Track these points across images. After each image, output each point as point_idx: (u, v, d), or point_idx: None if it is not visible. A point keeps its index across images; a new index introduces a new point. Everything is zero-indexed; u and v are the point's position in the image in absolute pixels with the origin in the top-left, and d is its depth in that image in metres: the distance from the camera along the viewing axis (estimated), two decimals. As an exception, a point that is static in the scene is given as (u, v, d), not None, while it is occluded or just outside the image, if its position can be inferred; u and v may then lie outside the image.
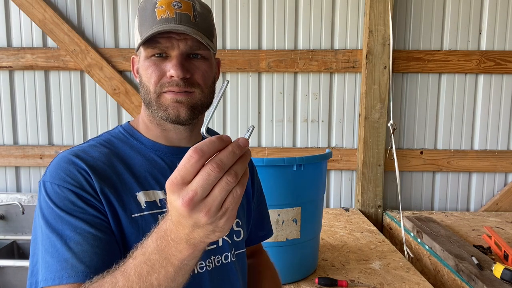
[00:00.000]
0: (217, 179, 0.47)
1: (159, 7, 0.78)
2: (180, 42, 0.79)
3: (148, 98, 0.82)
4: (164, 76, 0.80)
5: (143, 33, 0.79)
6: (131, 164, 0.82)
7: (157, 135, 0.87)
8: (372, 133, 2.35)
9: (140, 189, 0.79)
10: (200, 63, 0.82)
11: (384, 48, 2.29)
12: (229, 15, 2.39)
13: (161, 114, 0.80)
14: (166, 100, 0.80)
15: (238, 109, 2.46)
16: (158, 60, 0.80)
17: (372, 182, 2.39)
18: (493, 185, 2.50)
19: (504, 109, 2.44)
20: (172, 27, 0.76)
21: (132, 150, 0.85)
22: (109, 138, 0.86)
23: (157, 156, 0.85)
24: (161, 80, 0.80)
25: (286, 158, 1.34)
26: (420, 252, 1.92)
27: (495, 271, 1.42)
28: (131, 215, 0.76)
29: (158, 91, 0.80)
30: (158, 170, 0.84)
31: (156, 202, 0.80)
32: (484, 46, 2.40)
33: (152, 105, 0.81)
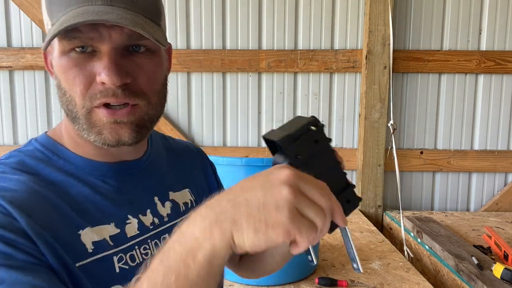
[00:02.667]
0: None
1: None
2: (112, 31, 0.55)
3: (73, 112, 0.59)
4: (93, 81, 0.57)
5: (54, 16, 0.56)
6: (66, 192, 0.60)
7: (90, 152, 0.65)
8: (372, 133, 2.35)
9: (83, 227, 0.59)
10: (144, 59, 0.60)
11: (384, 48, 2.29)
12: (229, 15, 2.39)
13: (94, 137, 0.59)
14: (99, 119, 0.58)
15: (238, 109, 2.46)
16: (81, 58, 0.57)
17: (372, 182, 2.39)
18: (493, 185, 2.50)
19: (504, 109, 2.44)
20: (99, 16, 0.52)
21: (60, 173, 0.62)
22: (22, 159, 0.62)
23: (98, 179, 0.64)
24: (90, 90, 0.57)
25: (286, 158, 1.34)
26: (420, 252, 1.92)
27: (495, 271, 1.42)
28: (75, 263, 0.56)
29: (88, 105, 0.58)
30: (104, 197, 0.63)
31: (107, 240, 0.61)
32: (484, 46, 2.40)
33: (79, 122, 0.59)
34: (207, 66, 2.39)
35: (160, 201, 0.72)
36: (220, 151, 2.45)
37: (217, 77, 2.43)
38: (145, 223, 0.67)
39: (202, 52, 2.39)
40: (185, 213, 0.70)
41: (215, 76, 2.43)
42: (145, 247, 0.66)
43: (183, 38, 2.40)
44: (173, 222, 0.72)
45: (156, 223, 0.69)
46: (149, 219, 0.68)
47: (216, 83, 2.43)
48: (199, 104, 2.45)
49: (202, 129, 2.48)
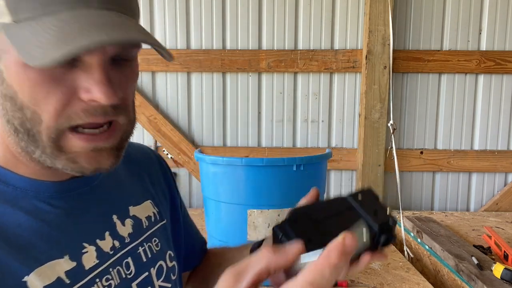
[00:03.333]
0: None
1: None
2: None
3: (32, 131, 0.47)
4: (73, 98, 0.47)
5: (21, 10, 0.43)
6: (3, 227, 0.49)
7: (34, 171, 0.53)
8: (372, 133, 2.35)
9: (29, 269, 0.47)
10: (129, 69, 0.53)
11: (384, 48, 2.29)
12: (229, 15, 2.38)
13: (64, 165, 0.50)
14: (72, 146, 0.49)
15: (238, 109, 2.46)
16: (59, 70, 0.46)
17: (372, 182, 2.38)
18: (493, 185, 2.50)
19: (504, 109, 2.44)
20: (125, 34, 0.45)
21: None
22: None
23: (43, 202, 0.53)
24: (68, 108, 0.47)
25: (286, 158, 1.34)
26: (420, 252, 1.92)
27: (495, 271, 1.42)
28: None
29: (62, 127, 0.47)
30: (52, 225, 0.52)
31: (62, 279, 0.50)
32: (484, 46, 2.40)
33: (39, 145, 0.48)
34: (207, 66, 2.39)
35: (120, 220, 0.62)
36: (220, 151, 2.45)
37: (217, 77, 2.43)
38: (104, 249, 0.57)
39: (202, 52, 2.39)
40: (149, 229, 0.67)
41: (215, 76, 2.43)
42: (107, 277, 0.56)
43: (183, 38, 2.40)
44: (136, 242, 0.63)
45: (117, 246, 0.60)
46: (108, 243, 0.59)
47: (216, 83, 2.43)
48: (199, 104, 2.45)
49: (202, 129, 2.48)
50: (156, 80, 2.44)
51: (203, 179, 1.51)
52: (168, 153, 2.47)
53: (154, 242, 0.67)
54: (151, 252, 0.65)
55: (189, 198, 2.54)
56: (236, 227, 1.38)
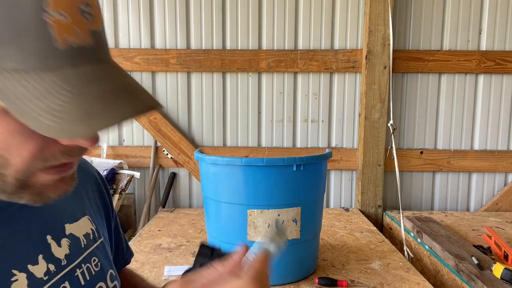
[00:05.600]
0: None
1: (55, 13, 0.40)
2: None
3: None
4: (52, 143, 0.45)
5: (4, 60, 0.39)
6: None
7: None
8: (372, 133, 2.35)
9: None
10: None
11: (384, 48, 2.29)
12: (229, 15, 2.39)
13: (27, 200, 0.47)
14: (42, 181, 0.47)
15: (238, 109, 2.46)
16: None
17: (372, 182, 2.39)
18: (493, 185, 2.50)
19: (504, 109, 2.44)
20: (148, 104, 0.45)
21: None
22: None
23: None
24: (44, 152, 0.45)
25: (286, 158, 1.34)
26: (420, 252, 1.92)
27: (495, 271, 1.42)
28: None
29: (33, 169, 0.45)
30: None
31: None
32: (484, 46, 2.40)
33: None
34: (207, 66, 2.39)
35: (55, 240, 0.57)
36: (220, 151, 2.45)
37: (217, 77, 2.43)
38: (37, 275, 0.52)
39: (202, 52, 2.39)
40: (88, 248, 0.63)
41: (215, 76, 2.43)
42: None
43: (183, 38, 2.40)
44: (73, 264, 0.59)
45: (52, 270, 0.55)
46: (42, 268, 0.53)
47: (216, 83, 2.43)
48: (199, 104, 2.46)
49: (202, 129, 2.48)
50: (156, 80, 2.44)
51: (203, 179, 1.51)
52: (168, 153, 2.47)
53: (93, 262, 0.63)
54: (89, 274, 0.61)
55: (189, 198, 2.54)
56: (236, 227, 1.38)
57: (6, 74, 0.39)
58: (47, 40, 0.39)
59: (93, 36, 0.43)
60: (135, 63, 2.38)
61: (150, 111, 0.45)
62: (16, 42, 0.38)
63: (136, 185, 2.52)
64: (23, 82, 0.39)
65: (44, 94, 0.39)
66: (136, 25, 2.40)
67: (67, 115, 0.39)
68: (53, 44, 0.40)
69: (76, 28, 0.41)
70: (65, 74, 0.40)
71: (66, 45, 0.40)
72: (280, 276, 1.42)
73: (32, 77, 0.39)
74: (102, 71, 0.44)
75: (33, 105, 0.39)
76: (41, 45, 0.39)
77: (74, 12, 0.41)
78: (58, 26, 0.40)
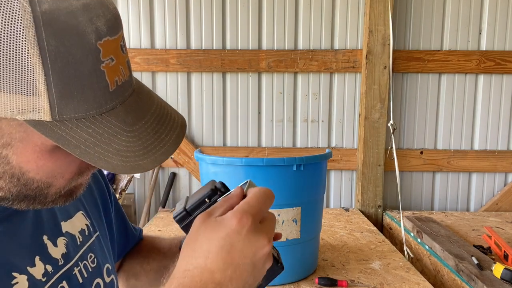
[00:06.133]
0: None
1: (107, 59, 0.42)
2: None
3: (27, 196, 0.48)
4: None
5: (70, 107, 0.41)
6: None
7: None
8: (372, 133, 2.35)
9: None
10: None
11: (384, 48, 2.29)
12: (229, 15, 2.39)
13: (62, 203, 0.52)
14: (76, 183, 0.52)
15: (238, 109, 2.46)
16: None
17: (372, 182, 2.39)
18: (493, 185, 2.50)
19: (504, 109, 2.44)
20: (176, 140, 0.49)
21: None
22: None
23: None
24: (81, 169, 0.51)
25: (286, 158, 1.34)
26: (420, 252, 1.92)
27: (495, 271, 1.42)
28: None
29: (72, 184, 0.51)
30: None
31: None
32: (484, 46, 2.40)
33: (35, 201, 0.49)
34: (207, 66, 2.39)
35: (51, 240, 0.57)
36: (220, 151, 2.45)
37: (217, 77, 2.43)
38: (36, 277, 0.52)
39: (202, 52, 2.39)
40: (84, 244, 0.63)
41: (215, 76, 2.43)
42: None
43: (183, 38, 2.40)
44: (71, 263, 0.59)
45: (50, 271, 0.55)
46: (40, 269, 0.53)
47: (216, 83, 2.43)
48: (199, 104, 2.46)
49: (202, 129, 2.48)
50: (156, 80, 2.44)
51: (203, 179, 1.51)
52: (168, 153, 2.46)
53: (90, 258, 0.63)
54: (87, 271, 0.61)
55: (189, 198, 2.54)
56: (236, 227, 1.38)
57: (67, 124, 0.42)
58: (103, 86, 0.43)
59: (128, 66, 0.47)
60: (135, 63, 2.38)
61: (185, 129, 0.52)
62: (79, 95, 0.41)
63: (136, 185, 2.52)
64: (86, 129, 0.42)
65: (109, 138, 0.43)
66: (136, 25, 2.40)
67: (131, 153, 0.44)
68: (107, 89, 0.43)
69: (120, 66, 0.45)
70: (119, 114, 0.45)
71: (115, 85, 0.44)
72: (280, 276, 1.41)
73: (93, 123, 0.43)
74: (139, 99, 0.48)
75: (100, 149, 0.43)
76: (99, 93, 0.42)
77: (118, 52, 0.45)
78: (108, 70, 0.43)
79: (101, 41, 0.41)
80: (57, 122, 0.41)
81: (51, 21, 0.38)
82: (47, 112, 0.40)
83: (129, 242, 0.85)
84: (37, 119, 0.40)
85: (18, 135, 0.43)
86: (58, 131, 0.41)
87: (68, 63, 0.40)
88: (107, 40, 0.42)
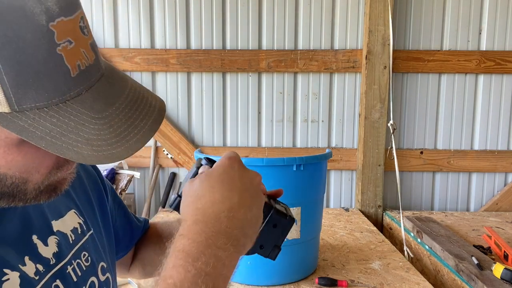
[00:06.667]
0: None
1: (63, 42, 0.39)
2: None
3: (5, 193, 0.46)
4: None
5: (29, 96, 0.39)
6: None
7: None
8: (372, 133, 2.35)
9: None
10: None
11: (384, 48, 2.29)
12: (229, 15, 2.39)
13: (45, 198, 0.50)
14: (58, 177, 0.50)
15: (238, 109, 2.46)
16: None
17: (372, 182, 2.39)
18: (493, 185, 2.50)
19: (504, 109, 2.44)
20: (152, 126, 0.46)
21: None
22: None
23: None
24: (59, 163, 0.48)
25: (286, 158, 1.34)
26: (420, 252, 1.92)
27: (495, 271, 1.42)
28: None
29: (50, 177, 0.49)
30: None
31: None
32: (484, 46, 2.40)
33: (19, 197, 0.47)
34: (207, 66, 2.39)
35: (41, 240, 0.56)
36: (220, 151, 2.45)
37: (217, 77, 2.43)
38: (28, 274, 0.51)
39: (202, 52, 2.39)
40: (76, 243, 0.62)
41: (215, 76, 2.43)
42: None
43: (183, 38, 2.40)
44: (63, 262, 0.58)
45: (41, 270, 0.53)
46: (31, 268, 0.52)
47: (216, 83, 2.43)
48: (199, 104, 2.46)
49: (202, 129, 2.48)
50: (156, 80, 2.44)
51: (203, 179, 1.50)
52: (168, 153, 2.47)
53: (83, 257, 0.62)
54: (80, 269, 0.60)
55: (189, 198, 2.54)
56: (236, 227, 1.38)
57: (28, 114, 0.39)
58: (63, 72, 0.40)
59: (93, 49, 0.44)
60: (135, 63, 2.38)
61: (164, 114, 0.49)
62: (36, 82, 0.38)
63: (136, 185, 2.52)
64: (49, 119, 0.40)
65: (76, 127, 0.40)
66: (136, 25, 2.40)
67: (102, 141, 0.41)
68: (69, 74, 0.40)
69: (81, 49, 0.41)
70: (85, 101, 0.42)
71: (77, 69, 0.41)
72: (280, 276, 1.42)
73: (57, 112, 0.40)
74: (109, 85, 0.45)
75: (68, 139, 0.40)
76: (59, 79, 0.39)
77: (78, 33, 0.41)
78: (67, 54, 0.40)
79: (53, 22, 0.38)
80: (17, 113, 0.38)
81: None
82: (3, 103, 0.38)
83: (134, 234, 0.85)
84: None
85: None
86: (19, 123, 0.39)
87: (18, 48, 0.37)
88: (61, 21, 0.39)
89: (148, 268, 0.86)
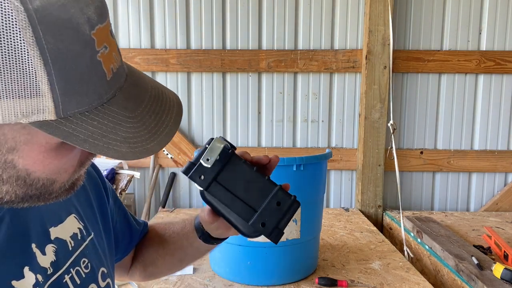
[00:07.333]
0: None
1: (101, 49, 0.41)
2: None
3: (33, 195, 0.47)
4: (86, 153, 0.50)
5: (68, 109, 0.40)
6: None
7: None
8: (372, 133, 2.35)
9: None
10: None
11: (384, 48, 2.29)
12: (229, 15, 2.39)
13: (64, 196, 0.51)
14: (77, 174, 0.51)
15: (238, 109, 2.46)
16: None
17: (372, 182, 2.39)
18: (493, 185, 2.50)
19: (504, 109, 2.44)
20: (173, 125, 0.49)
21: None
22: None
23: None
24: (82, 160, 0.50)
25: (286, 158, 1.34)
26: (420, 252, 1.92)
27: (495, 271, 1.42)
28: None
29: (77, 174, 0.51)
30: None
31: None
32: (484, 46, 2.40)
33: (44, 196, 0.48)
34: (207, 66, 2.39)
35: (39, 248, 0.55)
36: (220, 151, 2.45)
37: (217, 77, 2.43)
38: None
39: (202, 52, 2.39)
40: (76, 250, 0.61)
41: (215, 76, 2.43)
42: None
43: (183, 38, 2.40)
44: (61, 271, 0.56)
45: (40, 280, 0.52)
46: (29, 280, 0.51)
47: (216, 83, 2.43)
48: (199, 104, 2.46)
49: (202, 129, 2.48)
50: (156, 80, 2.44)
51: (203, 179, 1.50)
52: (168, 153, 2.47)
53: (83, 263, 0.61)
54: (79, 277, 0.59)
55: (189, 198, 2.54)
56: (236, 227, 1.38)
57: (71, 119, 0.41)
58: (101, 77, 0.42)
59: (119, 51, 0.46)
60: (135, 63, 2.38)
61: (182, 106, 0.53)
62: (80, 89, 0.40)
63: (136, 185, 2.52)
64: (91, 122, 0.42)
65: (114, 127, 0.43)
66: (136, 25, 2.40)
67: (138, 138, 0.45)
68: (105, 78, 0.42)
69: (113, 53, 0.44)
70: (119, 102, 0.44)
71: (111, 73, 0.43)
72: (280, 276, 1.42)
73: (97, 115, 0.42)
74: (134, 83, 0.48)
75: (108, 139, 0.43)
76: (98, 84, 0.42)
77: (110, 38, 0.43)
78: (104, 59, 0.42)
79: (94, 31, 0.40)
80: (61, 119, 0.40)
81: (45, 18, 0.36)
82: (51, 111, 0.39)
83: (134, 237, 0.85)
84: (42, 120, 0.39)
85: (22, 138, 0.42)
86: (64, 128, 0.40)
87: (68, 59, 0.38)
88: (99, 28, 0.41)
89: (149, 269, 0.86)
